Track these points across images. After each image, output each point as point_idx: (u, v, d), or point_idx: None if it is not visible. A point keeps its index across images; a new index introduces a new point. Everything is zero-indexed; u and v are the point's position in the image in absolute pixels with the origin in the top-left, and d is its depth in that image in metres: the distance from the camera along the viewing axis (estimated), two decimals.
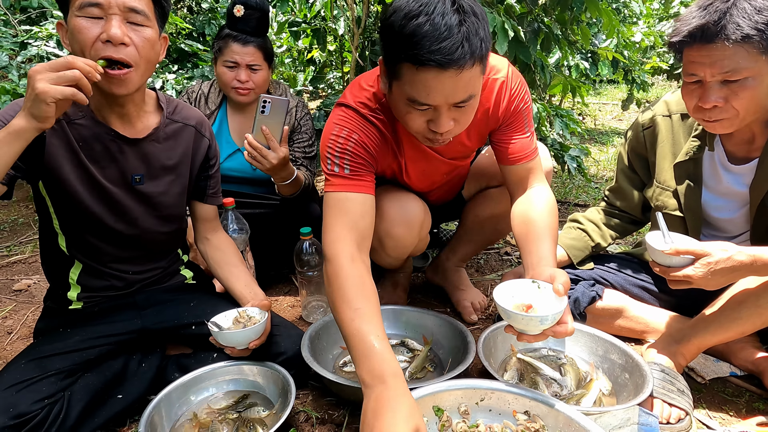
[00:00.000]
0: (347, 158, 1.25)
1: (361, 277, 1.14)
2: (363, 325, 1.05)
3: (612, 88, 8.91)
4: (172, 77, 2.83)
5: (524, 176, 1.38)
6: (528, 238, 1.27)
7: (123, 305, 1.36)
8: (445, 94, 1.06)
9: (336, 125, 1.27)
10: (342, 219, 1.21)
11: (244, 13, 1.74)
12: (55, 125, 1.15)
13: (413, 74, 1.04)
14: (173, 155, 1.34)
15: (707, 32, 1.08)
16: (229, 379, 1.33)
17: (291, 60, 4.27)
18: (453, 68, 1.00)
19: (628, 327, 1.53)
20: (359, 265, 1.16)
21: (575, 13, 2.29)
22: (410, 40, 1.00)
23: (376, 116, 1.28)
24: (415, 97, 1.07)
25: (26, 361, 1.18)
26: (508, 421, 1.13)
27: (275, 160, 1.59)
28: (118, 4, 1.08)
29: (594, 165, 3.94)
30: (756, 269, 1.12)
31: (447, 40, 0.98)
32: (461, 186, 1.74)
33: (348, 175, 1.24)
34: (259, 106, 1.56)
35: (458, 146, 1.43)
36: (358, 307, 1.08)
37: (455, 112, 1.11)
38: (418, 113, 1.11)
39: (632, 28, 4.52)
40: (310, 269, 1.69)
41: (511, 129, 1.36)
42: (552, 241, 1.25)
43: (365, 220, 1.23)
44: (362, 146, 1.26)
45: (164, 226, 1.37)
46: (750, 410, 1.30)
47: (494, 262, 2.24)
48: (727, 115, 1.15)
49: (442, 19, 0.99)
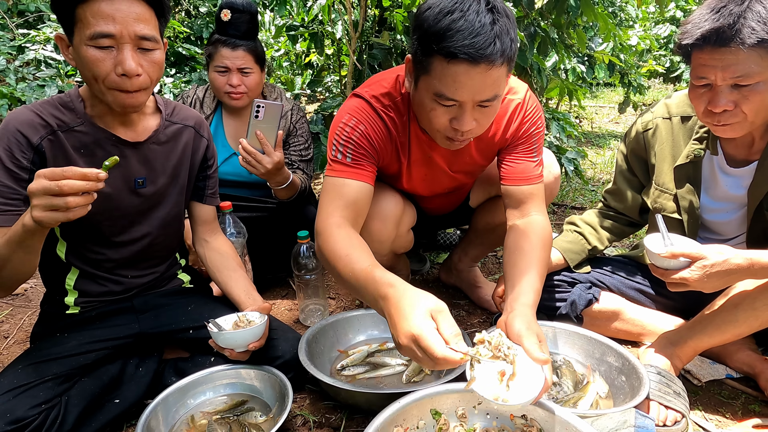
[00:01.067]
0: (351, 147, 1.28)
1: (348, 236, 1.17)
2: (355, 265, 1.07)
3: (608, 91, 8.94)
4: (169, 81, 2.83)
5: (522, 200, 1.37)
6: (515, 270, 1.24)
7: (120, 309, 1.36)
8: (473, 91, 1.08)
9: (346, 114, 1.30)
10: (336, 201, 1.25)
11: (232, 17, 1.75)
12: (52, 137, 1.17)
13: (444, 68, 1.06)
14: (173, 156, 1.35)
15: (722, 36, 1.07)
16: (226, 383, 1.33)
17: (289, 64, 4.28)
18: (483, 63, 1.03)
19: (624, 329, 1.53)
20: (346, 228, 1.20)
21: (571, 16, 2.30)
22: (444, 33, 1.03)
23: (386, 112, 1.31)
24: (443, 91, 1.09)
25: (23, 366, 1.18)
26: (505, 424, 1.13)
27: (270, 164, 1.60)
28: (130, 34, 1.08)
29: (591, 168, 3.95)
30: (753, 272, 1.12)
31: (480, 36, 1.02)
32: (463, 200, 1.75)
33: (349, 163, 1.28)
34: (253, 110, 1.57)
35: (467, 158, 1.43)
36: (348, 254, 1.11)
37: (478, 111, 1.13)
38: (443, 110, 1.13)
39: (628, 31, 4.54)
40: (308, 272, 1.69)
41: (518, 150, 1.38)
42: (538, 276, 1.21)
43: (358, 204, 1.27)
44: (366, 138, 1.29)
45: (164, 228, 1.37)
46: (746, 412, 1.30)
47: (492, 265, 2.24)
48: (736, 120, 1.14)
49: (476, 17, 1.02)
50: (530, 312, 1.10)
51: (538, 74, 2.40)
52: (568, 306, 1.53)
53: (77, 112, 1.21)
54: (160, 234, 1.36)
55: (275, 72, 4.36)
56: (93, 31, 1.06)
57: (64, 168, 0.95)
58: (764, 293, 1.19)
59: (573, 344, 1.44)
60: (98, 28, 1.06)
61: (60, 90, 2.53)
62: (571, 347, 1.44)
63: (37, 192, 0.94)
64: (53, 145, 1.18)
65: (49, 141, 1.17)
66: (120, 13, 1.06)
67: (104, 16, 1.06)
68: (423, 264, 2.17)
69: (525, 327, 1.02)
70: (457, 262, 1.91)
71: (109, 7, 1.06)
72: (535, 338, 1.00)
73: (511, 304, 1.13)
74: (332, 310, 1.86)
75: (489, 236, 1.78)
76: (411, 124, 1.33)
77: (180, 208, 1.40)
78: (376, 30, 2.59)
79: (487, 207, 1.74)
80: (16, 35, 3.09)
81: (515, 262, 1.26)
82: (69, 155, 1.19)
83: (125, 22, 1.07)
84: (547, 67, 2.46)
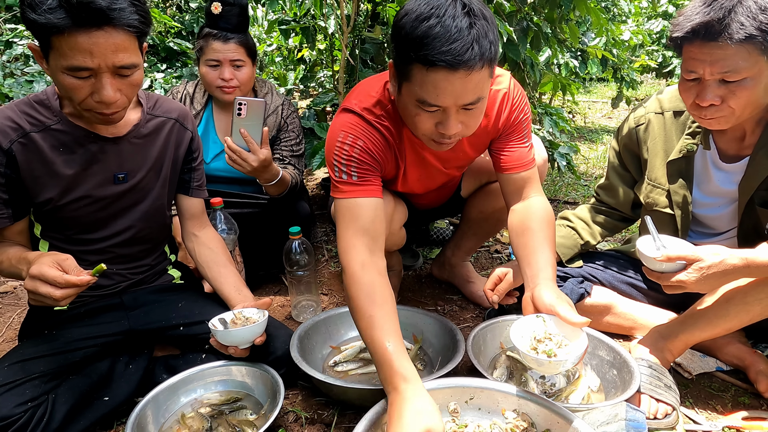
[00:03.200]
0: (354, 165, 1.24)
1: (372, 283, 1.15)
2: (375, 333, 1.09)
3: (601, 86, 8.96)
4: (160, 76, 2.80)
5: (521, 185, 1.39)
6: (527, 250, 1.29)
7: (110, 306, 1.35)
8: (455, 96, 1.07)
9: (341, 131, 1.25)
10: (353, 225, 1.22)
11: (223, 10, 1.72)
12: (23, 140, 1.15)
13: (423, 75, 1.05)
14: (155, 150, 1.33)
15: (710, 30, 1.07)
16: (217, 380, 1.32)
17: (281, 59, 4.25)
18: (462, 69, 1.02)
19: (616, 323, 1.53)
20: (370, 271, 1.17)
21: (564, 11, 2.29)
22: (421, 41, 1.01)
23: (380, 123, 1.28)
24: (424, 98, 1.08)
25: (9, 363, 1.17)
26: (497, 419, 1.13)
27: (255, 162, 1.59)
28: (108, 66, 1.04)
29: (584, 162, 3.96)
30: (750, 272, 1.12)
31: (457, 42, 1.00)
32: (452, 193, 1.75)
33: (356, 181, 1.25)
34: (235, 108, 1.56)
35: (460, 154, 1.43)
36: (371, 315, 1.11)
37: (463, 114, 1.12)
38: (427, 115, 1.12)
39: (621, 26, 4.55)
40: (300, 269, 1.68)
41: (511, 139, 1.38)
42: (551, 252, 1.27)
43: (375, 224, 1.24)
44: (367, 152, 1.26)
45: (147, 221, 1.36)
46: (736, 404, 1.31)
47: (484, 260, 2.24)
48: (722, 114, 1.15)
49: (453, 22, 1.00)
50: (553, 284, 1.18)
51: (531, 69, 2.39)
52: None
53: (53, 110, 1.19)
54: (143, 227, 1.35)
55: (268, 67, 4.33)
56: (70, 64, 1.01)
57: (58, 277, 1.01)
58: (756, 288, 1.19)
59: None
60: (75, 62, 1.00)
61: (49, 86, 2.49)
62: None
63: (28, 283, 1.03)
64: (25, 149, 1.16)
65: (20, 144, 1.15)
66: (98, 48, 1.00)
67: (81, 50, 0.99)
68: (416, 259, 2.16)
69: (555, 296, 1.12)
70: (450, 257, 1.91)
71: (87, 42, 0.99)
72: (566, 305, 1.10)
73: (533, 280, 1.20)
74: (325, 306, 1.85)
75: (482, 225, 1.79)
76: (404, 128, 1.31)
77: (163, 201, 1.38)
78: (368, 24, 2.58)
79: (478, 196, 1.73)
80: (3, 30, 3.05)
81: (525, 243, 1.30)
82: (44, 156, 1.17)
83: (103, 55, 1.01)
84: (540, 61, 2.45)
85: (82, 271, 1.05)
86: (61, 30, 0.97)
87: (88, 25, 0.98)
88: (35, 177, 1.18)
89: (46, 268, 1.01)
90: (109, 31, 1.00)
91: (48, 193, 1.20)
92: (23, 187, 1.18)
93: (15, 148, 1.15)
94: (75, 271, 1.04)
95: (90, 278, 1.04)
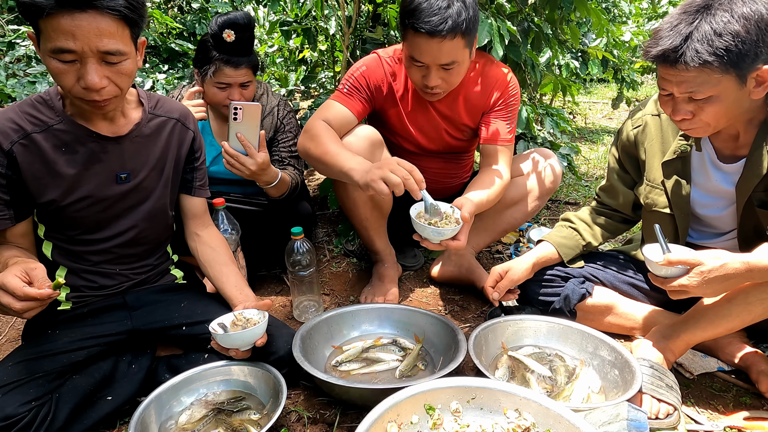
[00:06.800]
0: (350, 82, 1.66)
1: (328, 129, 1.56)
2: (330, 147, 1.50)
3: (602, 87, 8.95)
4: (162, 77, 2.81)
5: (492, 155, 1.69)
6: (474, 186, 1.62)
7: (113, 306, 1.35)
8: (432, 56, 1.46)
9: (360, 62, 1.70)
10: (321, 113, 1.61)
11: (236, 38, 1.71)
12: (24, 141, 1.16)
13: (412, 37, 1.45)
14: (157, 150, 1.33)
15: (668, 58, 1.11)
16: (220, 380, 1.33)
17: (282, 60, 4.25)
18: (437, 37, 1.40)
19: (617, 324, 1.54)
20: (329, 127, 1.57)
21: (564, 12, 2.29)
22: (412, 12, 1.42)
23: (391, 64, 1.70)
24: (413, 54, 1.49)
25: (13, 363, 1.17)
26: (498, 419, 1.13)
27: (253, 166, 1.59)
28: (92, 50, 1.04)
29: (585, 163, 3.96)
30: (752, 276, 1.12)
31: (435, 16, 1.39)
32: (460, 187, 1.83)
33: (344, 92, 1.66)
34: (231, 113, 1.56)
35: (456, 114, 1.74)
36: (338, 152, 1.49)
37: (443, 72, 1.50)
38: (416, 68, 1.53)
39: (621, 27, 4.54)
40: (302, 269, 1.69)
41: (495, 115, 1.71)
42: (486, 196, 1.57)
43: (336, 122, 1.60)
44: (365, 78, 1.67)
45: (150, 221, 1.36)
46: (737, 404, 1.31)
47: (485, 260, 2.24)
48: (696, 125, 1.19)
49: (436, 1, 1.39)
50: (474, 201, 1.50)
51: (531, 70, 2.39)
52: (561, 300, 1.53)
53: (56, 109, 1.19)
54: (146, 227, 1.35)
55: (269, 68, 4.33)
56: (54, 46, 1.02)
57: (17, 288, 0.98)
58: (757, 288, 1.19)
59: (566, 338, 1.44)
60: (58, 43, 1.01)
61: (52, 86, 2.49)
62: (565, 341, 1.45)
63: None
64: (27, 150, 1.16)
65: (21, 146, 1.15)
66: (81, 30, 1.00)
67: (64, 32, 1.00)
68: (416, 261, 2.16)
69: (465, 199, 1.48)
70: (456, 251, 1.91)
71: (70, 24, 1.00)
72: (470, 203, 1.45)
73: (463, 195, 1.54)
74: (326, 306, 1.85)
75: (493, 222, 1.87)
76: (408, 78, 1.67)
77: (165, 201, 1.39)
78: (369, 25, 2.58)
79: None
80: (6, 31, 3.05)
81: (476, 182, 1.63)
82: (46, 156, 1.18)
83: (87, 38, 1.01)
84: (540, 62, 2.45)
85: (45, 283, 1.02)
86: (45, 11, 0.99)
87: (71, 7, 1.00)
88: (37, 178, 1.18)
89: (10, 278, 0.98)
90: (93, 14, 1.02)
91: (50, 193, 1.20)
92: (25, 188, 1.19)
93: (16, 149, 1.15)
94: (40, 283, 1.01)
95: (49, 292, 1.00)
